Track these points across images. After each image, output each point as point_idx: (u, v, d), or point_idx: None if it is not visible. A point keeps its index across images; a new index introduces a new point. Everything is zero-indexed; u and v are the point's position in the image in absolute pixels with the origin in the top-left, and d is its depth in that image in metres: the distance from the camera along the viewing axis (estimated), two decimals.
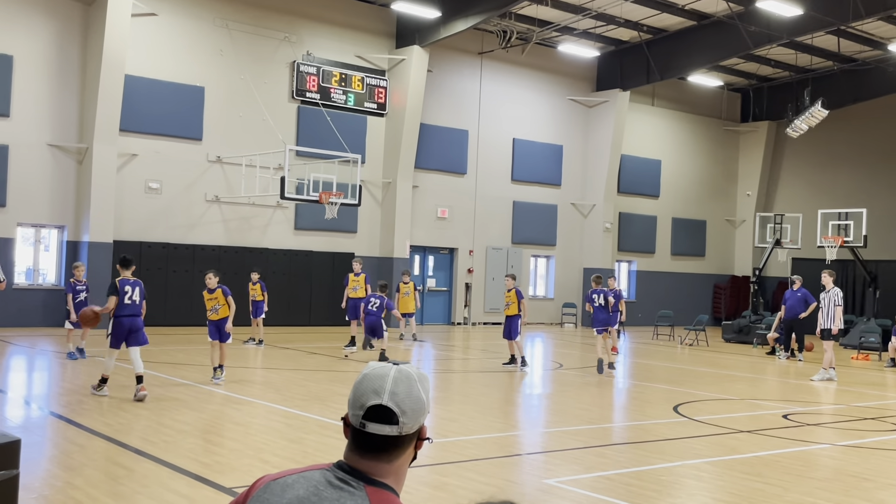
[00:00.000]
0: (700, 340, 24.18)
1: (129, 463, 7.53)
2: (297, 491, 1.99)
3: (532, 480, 7.71)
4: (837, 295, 16.22)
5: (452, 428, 9.86)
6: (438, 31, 24.15)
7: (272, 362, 15.73)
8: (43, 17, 20.21)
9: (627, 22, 26.36)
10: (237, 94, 22.83)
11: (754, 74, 31.91)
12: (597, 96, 29.68)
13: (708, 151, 33.92)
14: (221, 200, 22.61)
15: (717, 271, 34.27)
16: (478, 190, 27.51)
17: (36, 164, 20.14)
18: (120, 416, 9.64)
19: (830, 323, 16.13)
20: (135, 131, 21.26)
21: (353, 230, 24.87)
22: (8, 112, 19.75)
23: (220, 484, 6.90)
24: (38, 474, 7.01)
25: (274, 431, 9.33)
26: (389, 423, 1.98)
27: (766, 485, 7.71)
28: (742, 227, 34.41)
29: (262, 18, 23.28)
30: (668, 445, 9.58)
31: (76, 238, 20.56)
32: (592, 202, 29.79)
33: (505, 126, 28.14)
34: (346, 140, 23.70)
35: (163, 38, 21.82)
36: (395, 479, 2.04)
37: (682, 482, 7.96)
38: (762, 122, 33.74)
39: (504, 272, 28.00)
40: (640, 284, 32.00)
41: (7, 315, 19.52)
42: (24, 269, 20.53)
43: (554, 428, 10.73)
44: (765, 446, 9.66)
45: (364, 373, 2.05)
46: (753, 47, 25.37)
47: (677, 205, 33.00)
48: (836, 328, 16.13)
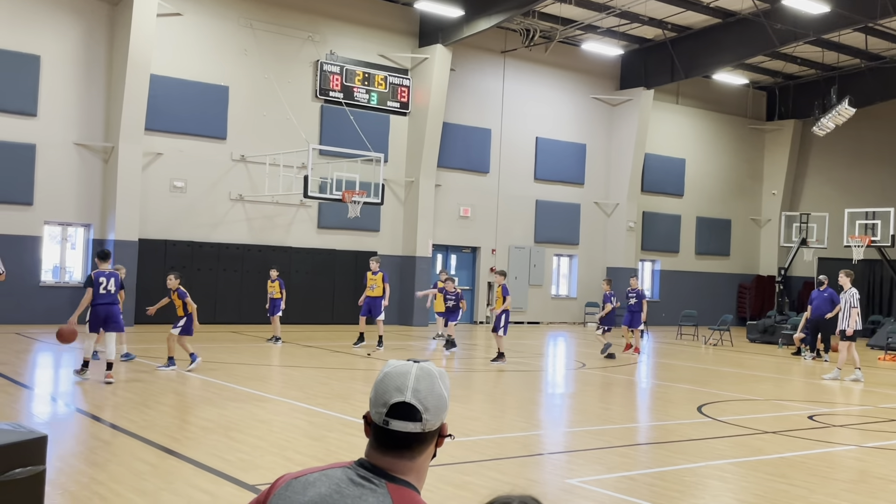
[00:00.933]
0: (724, 340, 24.00)
1: (153, 459, 7.59)
2: (319, 489, 2.00)
3: (554, 480, 7.69)
4: (853, 296, 16.18)
5: (475, 427, 9.85)
6: (461, 30, 24.14)
7: (295, 360, 15.80)
8: (70, 18, 20.41)
9: (652, 20, 26.21)
10: (261, 94, 22.94)
11: (780, 72, 31.61)
12: (620, 95, 29.54)
13: (733, 150, 33.66)
14: (245, 199, 22.74)
15: (741, 271, 34.01)
16: (500, 189, 27.48)
17: (63, 163, 20.36)
18: (145, 413, 9.72)
19: (845, 324, 16.11)
20: (160, 130, 21.43)
21: (376, 229, 24.92)
22: (35, 112, 19.97)
23: (243, 481, 6.94)
24: (65, 470, 7.08)
25: (296, 429, 9.37)
26: (413, 419, 1.98)
27: (791, 486, 7.64)
28: (767, 227, 34.12)
29: (285, 18, 23.38)
30: (692, 446, 9.52)
31: (102, 236, 20.76)
32: (616, 201, 29.66)
33: (528, 125, 28.08)
34: (369, 139, 23.75)
35: (188, 37, 21.97)
36: (417, 476, 2.04)
37: (705, 483, 7.91)
38: (788, 120, 33.43)
39: (527, 271, 27.96)
40: (663, 284, 31.82)
41: (34, 312, 19.75)
42: (51, 267, 20.75)
43: (576, 427, 10.69)
44: (790, 447, 9.57)
45: (385, 371, 2.05)
46: (779, 45, 25.14)
47: (702, 204, 32.78)
48: (850, 329, 16.06)
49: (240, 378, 12.98)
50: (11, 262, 19.42)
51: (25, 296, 19.70)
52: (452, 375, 14.71)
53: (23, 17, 19.82)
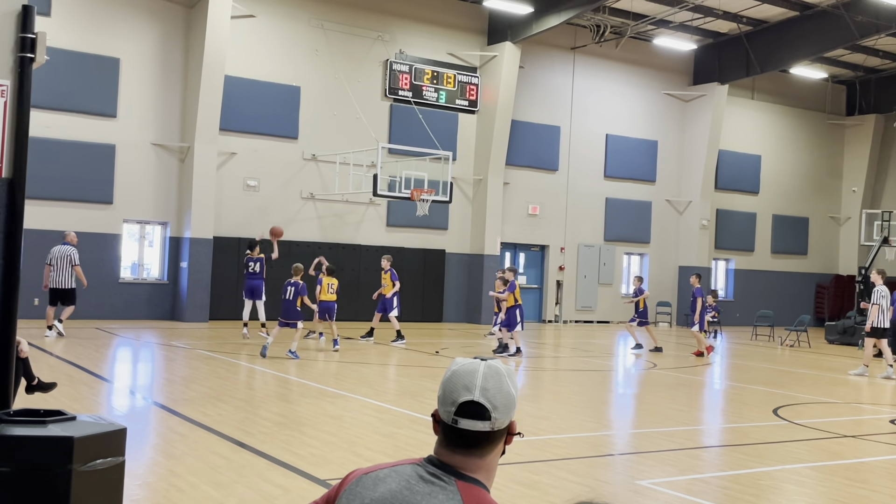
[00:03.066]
0: (801, 341, 23.38)
1: (227, 453, 7.74)
2: (390, 485, 2.00)
3: (624, 481, 7.59)
4: (878, 293, 16.55)
5: (543, 426, 9.79)
6: (531, 27, 24.01)
7: (365, 357, 15.93)
8: (147, 21, 20.97)
9: (726, 14, 25.67)
10: (332, 93, 23.21)
11: (861, 66, 30.63)
12: (693, 90, 29.01)
13: (811, 146, 32.75)
14: (316, 197, 23.04)
15: (820, 270, 33.07)
16: (569, 186, 27.25)
17: (141, 162, 20.93)
18: (219, 408, 9.92)
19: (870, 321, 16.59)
20: (234, 130, 21.85)
21: (445, 227, 24.98)
22: (115, 113, 20.57)
23: (314, 476, 7.03)
24: (142, 461, 7.28)
25: (366, 425, 9.45)
26: (482, 418, 1.97)
27: (872, 492, 7.40)
28: (847, 225, 33.10)
29: (355, 18, 23.60)
30: (767, 449, 9.29)
31: (178, 234, 21.28)
32: (689, 199, 29.15)
33: (598, 122, 27.78)
34: (438, 137, 23.82)
35: (260, 38, 22.36)
36: (486, 474, 2.03)
37: (781, 487, 7.71)
38: (869, 115, 32.37)
39: (597, 270, 27.67)
40: (738, 283, 31.15)
41: (114, 308, 20.36)
42: (130, 264, 21.36)
43: (647, 428, 10.54)
44: (870, 452, 9.27)
45: (453, 369, 2.04)
46: (860, 38, 24.37)
47: (778, 201, 31.98)
48: (868, 326, 16.61)
49: (311, 374, 13.16)
50: (92, 259, 20.09)
51: (105, 292, 20.30)
52: (521, 374, 14.66)
53: (102, 21, 20.43)
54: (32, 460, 3.97)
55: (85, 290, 17.23)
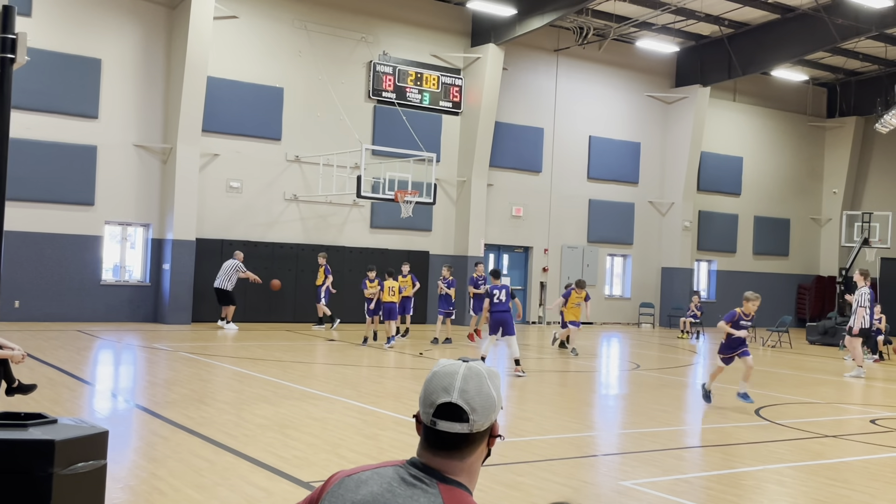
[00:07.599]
0: (783, 342, 23.54)
1: (210, 455, 7.71)
2: (371, 487, 2.00)
3: (608, 482, 7.62)
4: (863, 295, 16.73)
5: (527, 427, 9.81)
6: (514, 29, 24.06)
7: (347, 359, 15.91)
8: (129, 22, 20.85)
9: (708, 16, 25.82)
10: (315, 95, 23.16)
11: (841, 68, 30.89)
12: (676, 92, 29.16)
13: (792, 148, 32.98)
14: (299, 199, 22.98)
15: (801, 271, 33.30)
16: (553, 188, 27.32)
17: (122, 164, 20.81)
18: (202, 410, 9.88)
19: (853, 322, 16.80)
20: (216, 132, 21.77)
21: (428, 228, 24.98)
22: (96, 114, 20.45)
23: (297, 478, 7.01)
24: (125, 465, 7.23)
25: (350, 427, 9.43)
26: (460, 420, 1.98)
27: (853, 491, 7.46)
28: (828, 226, 33.36)
29: (339, 19, 23.57)
30: (749, 449, 9.35)
31: (161, 236, 21.17)
32: (671, 200, 29.29)
33: (581, 123, 27.87)
34: (422, 139, 23.82)
35: (243, 40, 22.28)
36: (468, 476, 2.03)
37: (763, 487, 7.76)
38: (849, 117, 32.64)
39: (580, 271, 27.73)
40: (720, 284, 31.31)
41: (95, 310, 20.23)
42: (112, 266, 21.22)
43: (630, 429, 10.58)
44: (851, 451, 9.35)
45: (434, 370, 2.04)
46: (840, 40, 24.57)
47: (760, 203, 32.18)
48: (856, 328, 16.72)
49: (294, 376, 13.13)
50: (74, 261, 19.97)
51: (87, 294, 20.18)
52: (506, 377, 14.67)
53: (84, 21, 20.30)
54: (13, 464, 3.94)
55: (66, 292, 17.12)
